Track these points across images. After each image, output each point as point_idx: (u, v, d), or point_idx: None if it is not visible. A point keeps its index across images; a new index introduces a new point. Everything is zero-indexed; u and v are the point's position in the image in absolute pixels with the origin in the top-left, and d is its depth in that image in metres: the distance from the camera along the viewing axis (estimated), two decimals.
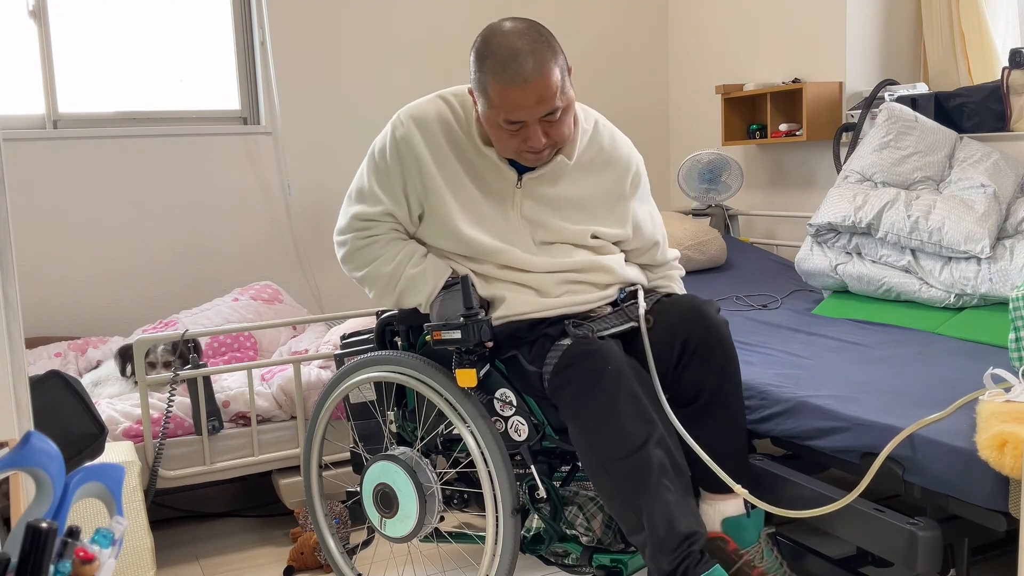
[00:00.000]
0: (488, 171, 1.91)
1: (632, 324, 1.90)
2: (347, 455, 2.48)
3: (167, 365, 2.74)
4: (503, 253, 1.91)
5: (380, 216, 1.94)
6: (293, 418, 2.73)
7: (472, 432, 1.86)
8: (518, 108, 1.74)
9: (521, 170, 1.92)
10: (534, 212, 1.93)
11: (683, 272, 2.20)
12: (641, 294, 1.97)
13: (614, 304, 2.00)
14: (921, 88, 3.23)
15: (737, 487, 1.74)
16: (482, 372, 1.85)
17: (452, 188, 1.90)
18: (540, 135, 1.78)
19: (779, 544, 1.88)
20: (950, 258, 2.64)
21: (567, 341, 1.82)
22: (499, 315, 1.90)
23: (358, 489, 2.09)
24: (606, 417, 1.73)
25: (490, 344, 1.85)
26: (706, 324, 1.87)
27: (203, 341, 2.94)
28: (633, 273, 2.05)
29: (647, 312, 1.91)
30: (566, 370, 1.77)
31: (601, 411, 1.73)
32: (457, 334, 1.81)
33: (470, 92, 1.87)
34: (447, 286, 1.90)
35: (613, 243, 2.04)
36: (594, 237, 1.98)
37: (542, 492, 1.89)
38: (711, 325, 1.87)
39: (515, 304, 1.89)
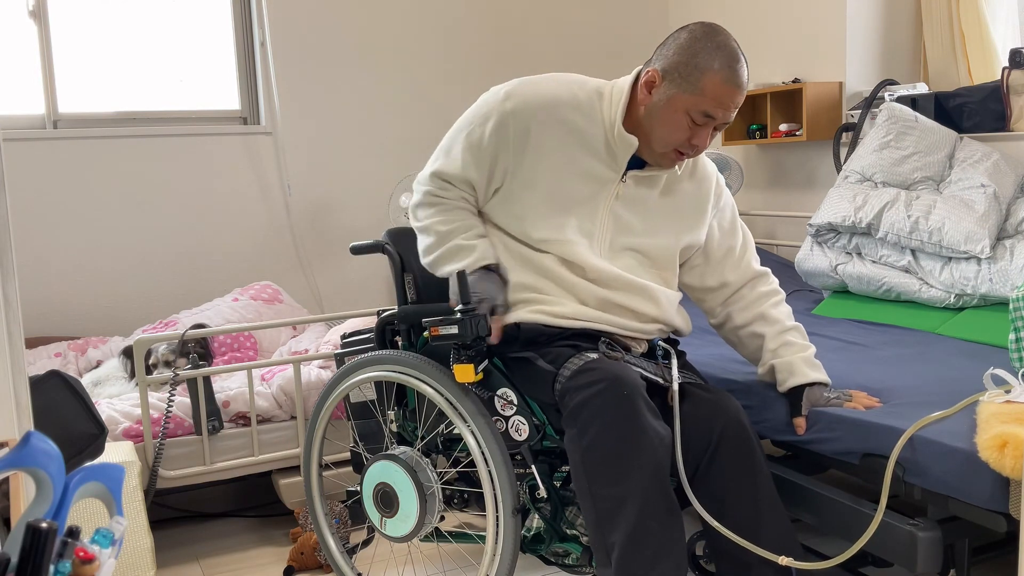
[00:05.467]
0: (600, 158, 1.87)
1: (661, 381, 1.86)
2: (347, 455, 2.48)
3: (167, 364, 2.74)
4: (568, 244, 1.87)
5: (458, 181, 1.93)
6: (293, 418, 2.73)
7: (472, 431, 1.86)
8: (722, 106, 1.78)
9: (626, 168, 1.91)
10: (624, 211, 1.91)
11: (790, 316, 2.04)
12: (675, 363, 1.91)
13: (650, 352, 1.97)
14: (921, 88, 3.23)
15: (784, 559, 1.66)
16: (480, 367, 1.84)
17: (549, 171, 1.86)
18: (708, 136, 1.83)
19: None
20: (950, 258, 2.64)
21: (594, 355, 1.81)
22: (532, 311, 1.87)
23: (358, 489, 2.09)
24: (604, 440, 1.69)
25: (493, 340, 1.83)
26: (738, 437, 1.81)
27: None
28: (678, 320, 1.99)
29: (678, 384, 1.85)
30: (581, 375, 1.75)
31: (601, 432, 1.70)
32: (454, 329, 1.80)
33: (652, 72, 1.82)
34: (486, 268, 1.90)
35: (683, 261, 2.01)
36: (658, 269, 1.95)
37: (543, 492, 1.89)
38: (743, 437, 1.82)
39: (551, 308, 1.86)
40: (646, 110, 1.84)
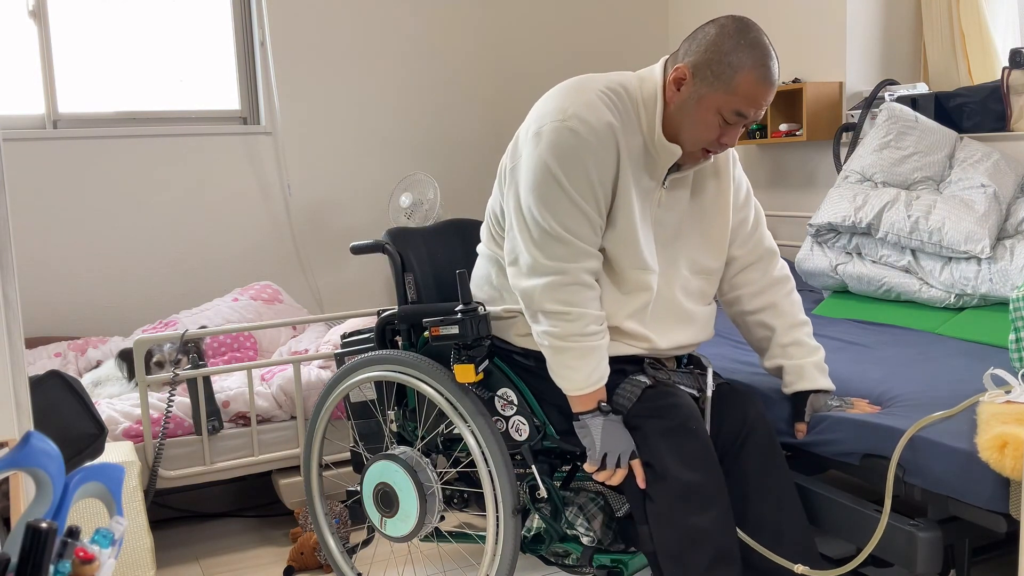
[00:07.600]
0: (642, 167, 1.79)
1: (696, 393, 1.86)
2: (347, 455, 2.48)
3: (175, 363, 2.74)
4: (646, 272, 1.81)
5: (591, 246, 1.76)
6: (293, 418, 2.73)
7: (473, 431, 1.86)
8: (754, 104, 1.70)
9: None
10: (666, 218, 1.85)
11: (801, 308, 2.01)
12: (711, 372, 1.91)
13: (679, 363, 1.96)
14: (921, 88, 3.23)
15: (799, 567, 1.68)
16: (481, 367, 1.84)
17: (620, 193, 1.77)
18: (737, 135, 1.76)
19: None
20: (950, 258, 2.64)
21: (644, 379, 1.79)
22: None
23: (358, 489, 2.09)
24: (694, 472, 1.70)
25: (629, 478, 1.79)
26: (758, 428, 1.84)
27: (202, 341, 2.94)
28: (711, 335, 1.98)
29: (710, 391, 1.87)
30: (649, 403, 1.74)
31: (690, 461, 1.71)
32: (455, 329, 1.80)
33: (682, 68, 1.71)
34: (606, 411, 1.77)
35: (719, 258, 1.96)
36: (702, 270, 1.92)
37: (543, 492, 1.89)
38: (761, 429, 1.85)
39: (620, 345, 1.83)
40: (675, 107, 1.74)
